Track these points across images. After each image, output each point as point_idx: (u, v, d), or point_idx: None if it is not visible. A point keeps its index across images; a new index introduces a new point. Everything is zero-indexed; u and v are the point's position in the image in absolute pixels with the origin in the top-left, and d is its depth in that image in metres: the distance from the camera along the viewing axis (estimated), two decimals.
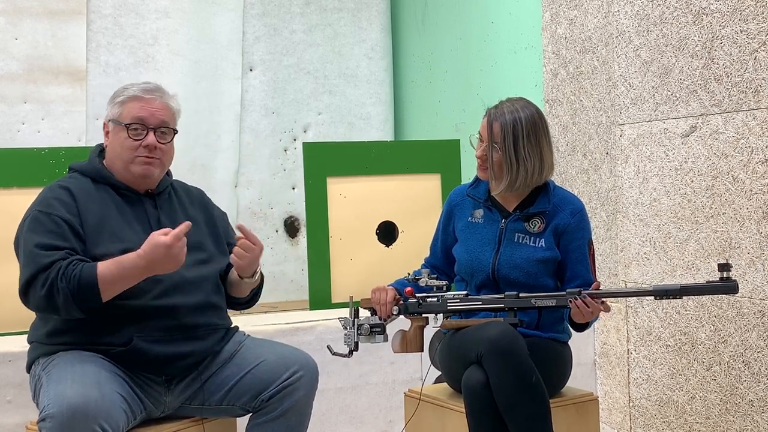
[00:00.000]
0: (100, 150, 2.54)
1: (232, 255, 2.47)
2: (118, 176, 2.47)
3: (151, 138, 2.44)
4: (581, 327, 2.61)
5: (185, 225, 2.29)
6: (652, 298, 2.41)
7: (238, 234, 2.46)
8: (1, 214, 3.25)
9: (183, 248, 2.28)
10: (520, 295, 2.49)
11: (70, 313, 2.25)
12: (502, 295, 2.51)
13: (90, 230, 2.35)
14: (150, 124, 2.44)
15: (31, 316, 2.65)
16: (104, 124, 2.50)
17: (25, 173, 3.33)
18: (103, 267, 2.25)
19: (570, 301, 2.44)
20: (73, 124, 4.72)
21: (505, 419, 2.38)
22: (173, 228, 2.29)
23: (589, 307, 2.44)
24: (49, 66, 4.67)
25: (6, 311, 3.23)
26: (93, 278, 2.22)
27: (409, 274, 2.68)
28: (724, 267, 2.31)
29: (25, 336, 3.16)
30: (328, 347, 2.62)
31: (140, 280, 2.29)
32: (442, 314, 2.56)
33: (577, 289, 2.45)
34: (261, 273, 2.62)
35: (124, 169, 2.46)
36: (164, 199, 2.53)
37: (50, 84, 4.67)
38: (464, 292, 2.57)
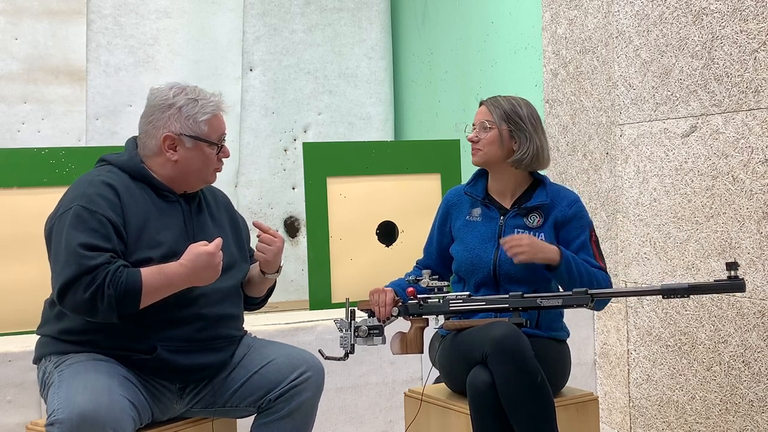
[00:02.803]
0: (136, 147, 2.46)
1: (256, 251, 2.49)
2: (159, 177, 2.41)
3: (227, 148, 2.48)
4: (557, 273, 2.56)
5: (220, 240, 2.31)
6: (654, 298, 2.40)
7: (257, 231, 2.49)
8: (1, 214, 3.25)
9: (221, 260, 2.30)
10: (525, 295, 2.47)
11: (107, 318, 2.21)
12: (507, 295, 2.49)
13: (132, 233, 2.30)
14: (226, 135, 2.49)
15: (31, 316, 2.63)
16: (167, 136, 2.37)
17: (25, 173, 3.33)
18: (147, 274, 2.22)
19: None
20: (73, 124, 4.72)
21: (510, 419, 2.38)
22: (203, 232, 2.36)
23: (521, 242, 2.52)
24: (49, 66, 4.67)
25: (6, 311, 3.23)
26: (138, 286, 2.20)
27: (408, 275, 2.67)
28: (732, 266, 2.30)
29: (25, 336, 3.15)
30: (320, 351, 2.57)
31: (179, 290, 2.27)
32: (442, 315, 2.55)
33: (583, 289, 2.44)
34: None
35: (201, 181, 2.45)
36: (195, 201, 2.51)
37: (50, 84, 4.67)
38: (466, 293, 2.54)
